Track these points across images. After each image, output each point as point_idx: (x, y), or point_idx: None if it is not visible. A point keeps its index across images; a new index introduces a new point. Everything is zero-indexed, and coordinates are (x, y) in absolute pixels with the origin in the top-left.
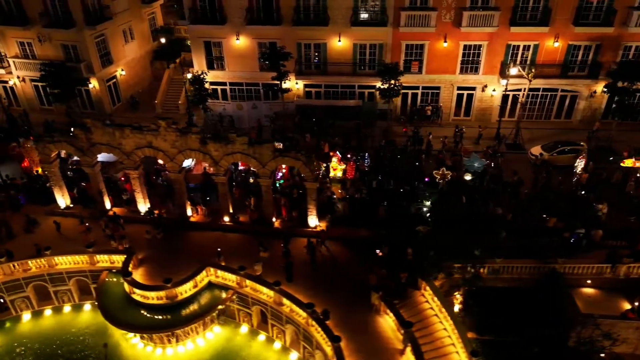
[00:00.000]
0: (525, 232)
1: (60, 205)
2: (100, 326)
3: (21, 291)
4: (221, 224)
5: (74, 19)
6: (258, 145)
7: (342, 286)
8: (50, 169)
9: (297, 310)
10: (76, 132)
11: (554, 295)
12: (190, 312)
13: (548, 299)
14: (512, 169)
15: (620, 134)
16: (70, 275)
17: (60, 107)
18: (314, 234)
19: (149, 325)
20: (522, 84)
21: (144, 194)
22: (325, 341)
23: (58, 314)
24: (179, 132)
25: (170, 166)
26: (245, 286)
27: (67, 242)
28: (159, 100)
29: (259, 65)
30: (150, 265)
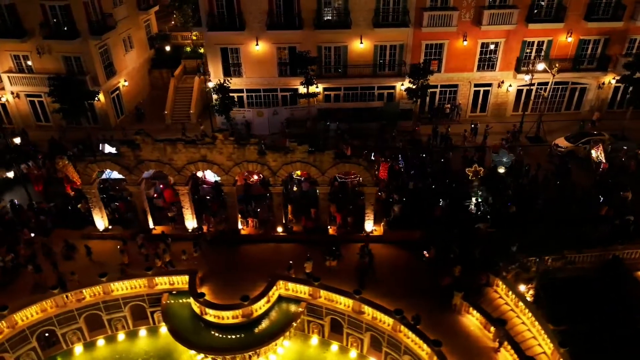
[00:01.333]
0: (580, 222)
1: (98, 227)
2: (161, 351)
3: (74, 323)
4: (275, 235)
5: (78, 29)
6: (319, 153)
7: (414, 289)
8: (91, 190)
9: (382, 317)
10: (123, 150)
11: (617, 280)
12: (264, 329)
13: (610, 285)
14: (535, 162)
15: (630, 123)
16: (127, 301)
17: (58, 123)
18: (371, 239)
19: (228, 347)
20: (536, 79)
21: (192, 210)
22: (417, 346)
23: (112, 343)
24: (236, 144)
25: (224, 179)
26: (319, 297)
27: (103, 266)
28: (168, 111)
29: (277, 70)
30: (213, 283)
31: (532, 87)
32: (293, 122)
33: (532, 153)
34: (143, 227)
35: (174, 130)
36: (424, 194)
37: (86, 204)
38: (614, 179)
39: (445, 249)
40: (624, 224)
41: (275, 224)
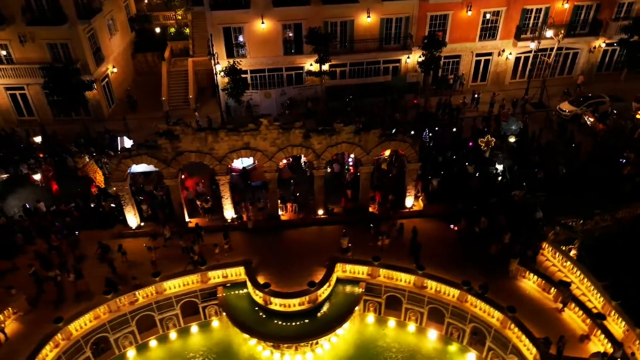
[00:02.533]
0: (606, 182)
1: (131, 225)
2: (219, 345)
3: (127, 326)
4: (316, 218)
5: (65, 13)
6: (364, 132)
7: (464, 260)
8: (124, 187)
9: (446, 289)
10: (161, 142)
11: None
12: (328, 314)
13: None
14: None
15: (624, 84)
16: (179, 298)
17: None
18: (412, 214)
19: (298, 334)
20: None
21: (230, 200)
22: (486, 314)
23: (165, 343)
24: (281, 129)
25: (268, 166)
26: (378, 276)
27: (140, 266)
28: (165, 97)
29: (283, 49)
30: (267, 272)
31: (539, 53)
32: (294, 102)
33: (538, 119)
34: (178, 221)
35: (173, 117)
36: (454, 166)
37: (111, 202)
38: (613, 141)
39: (489, 218)
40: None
41: (315, 206)
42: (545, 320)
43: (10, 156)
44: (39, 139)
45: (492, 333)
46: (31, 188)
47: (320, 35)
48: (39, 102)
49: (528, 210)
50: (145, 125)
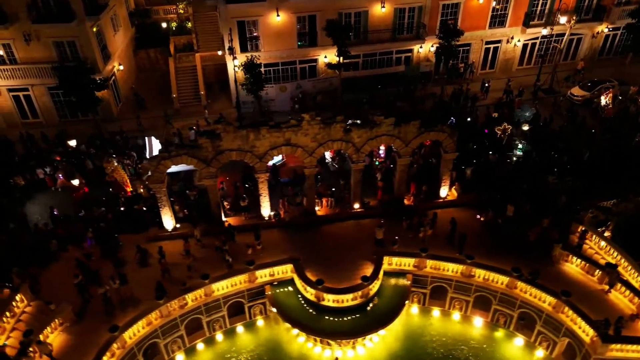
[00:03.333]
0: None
1: (167, 227)
2: (269, 344)
3: (176, 331)
4: (352, 212)
5: (73, 9)
6: (405, 124)
7: (504, 247)
8: (162, 189)
9: (495, 277)
10: (202, 142)
11: None
12: (380, 307)
13: None
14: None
15: (629, 68)
16: (227, 299)
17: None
18: (445, 204)
19: (354, 330)
20: (539, 33)
21: (268, 197)
22: (537, 299)
23: (212, 345)
24: (323, 123)
25: (308, 161)
26: (425, 267)
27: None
28: (176, 94)
29: (297, 41)
30: (312, 268)
31: (550, 39)
32: (305, 96)
33: (548, 104)
34: (216, 220)
35: (184, 114)
36: (480, 155)
37: (143, 205)
38: (621, 123)
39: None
40: None
41: (351, 200)
42: (594, 302)
43: (25, 162)
44: (73, 142)
45: (543, 317)
46: (50, 194)
47: (341, 27)
48: (44, 104)
49: (558, 196)
50: (157, 123)
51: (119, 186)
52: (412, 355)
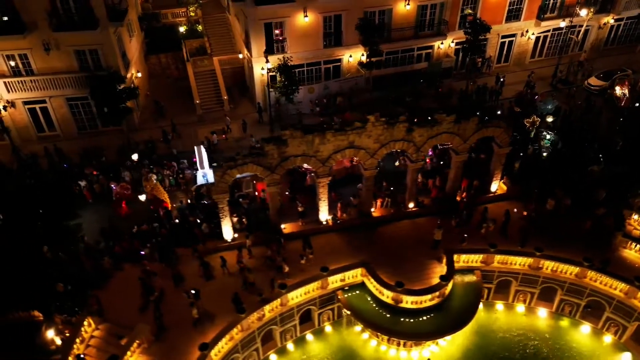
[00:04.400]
0: None
1: (227, 238)
2: (343, 351)
3: (253, 344)
4: (407, 212)
5: (97, 16)
6: (464, 121)
7: (560, 237)
8: (225, 199)
9: (564, 267)
10: (268, 149)
11: None
12: (456, 306)
13: None
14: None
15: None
16: (300, 308)
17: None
18: (496, 199)
19: (437, 330)
20: (551, 25)
21: (327, 201)
22: (608, 286)
23: (284, 355)
24: (386, 124)
25: (369, 163)
26: (492, 262)
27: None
28: (199, 100)
29: (322, 42)
30: (380, 270)
31: (565, 31)
32: (321, 99)
33: (565, 95)
34: (274, 228)
35: (209, 120)
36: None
37: (197, 217)
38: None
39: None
40: None
41: (407, 200)
42: None
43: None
44: (135, 156)
45: (614, 304)
46: (91, 209)
47: (373, 26)
48: (62, 115)
49: (603, 185)
50: (183, 131)
51: (158, 203)
52: (484, 351)
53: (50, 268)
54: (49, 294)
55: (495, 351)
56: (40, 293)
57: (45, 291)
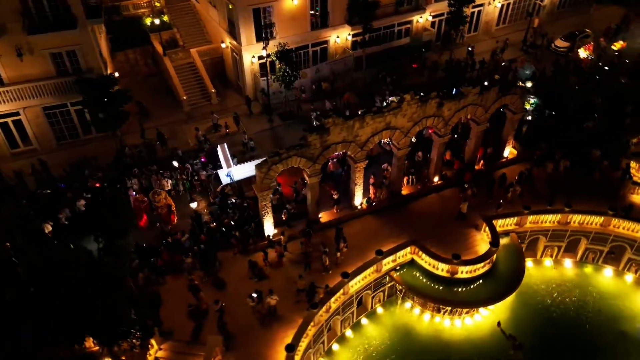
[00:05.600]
0: None
1: (269, 235)
2: (399, 330)
3: (321, 337)
4: (432, 186)
5: (74, 14)
6: (486, 91)
7: (578, 193)
8: (268, 195)
9: (591, 219)
10: (311, 139)
11: None
12: (502, 271)
13: None
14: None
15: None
16: (359, 294)
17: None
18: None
19: (495, 296)
20: None
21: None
22: (630, 230)
23: (345, 344)
24: (420, 102)
25: (402, 143)
26: (525, 223)
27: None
28: (185, 96)
29: (309, 24)
30: (427, 245)
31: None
32: (309, 84)
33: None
34: (312, 219)
35: (198, 117)
36: None
37: (231, 218)
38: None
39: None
40: None
41: (432, 174)
42: None
43: (58, 201)
44: (176, 163)
45: (636, 246)
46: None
47: (367, 4)
48: (39, 127)
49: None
50: (173, 129)
51: (167, 218)
52: (529, 307)
53: (116, 291)
54: (116, 319)
55: (539, 305)
56: (108, 319)
57: (113, 317)
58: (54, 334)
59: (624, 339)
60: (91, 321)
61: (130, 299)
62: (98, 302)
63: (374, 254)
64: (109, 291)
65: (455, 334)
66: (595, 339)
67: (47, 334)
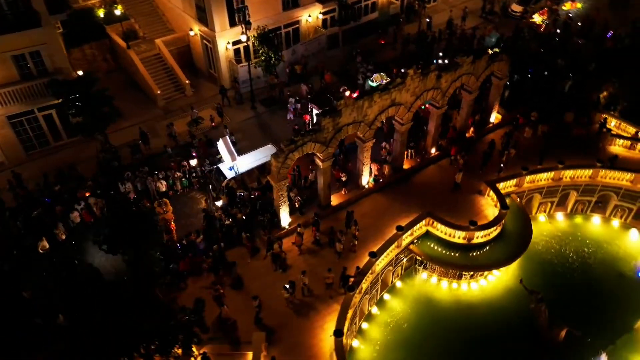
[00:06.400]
0: None
1: (284, 224)
2: (419, 301)
3: (354, 319)
4: (429, 158)
5: (36, 10)
6: (478, 59)
7: (559, 149)
8: (285, 185)
9: (581, 172)
10: (325, 123)
11: None
12: (511, 233)
13: None
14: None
15: None
16: (383, 271)
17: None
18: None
19: (511, 255)
20: None
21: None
22: (617, 179)
23: (373, 320)
24: (421, 75)
25: (406, 117)
26: (523, 184)
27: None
28: (160, 91)
29: (281, 4)
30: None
31: None
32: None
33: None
34: (323, 204)
35: (177, 110)
36: None
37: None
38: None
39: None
40: None
41: (429, 147)
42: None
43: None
44: (194, 161)
45: (621, 193)
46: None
47: None
48: (4, 139)
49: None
50: (153, 127)
51: (168, 228)
52: (535, 259)
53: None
54: (162, 330)
55: (542, 257)
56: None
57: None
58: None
59: (623, 278)
60: (139, 338)
61: (169, 308)
62: (143, 317)
63: (390, 230)
64: (152, 305)
65: (473, 296)
66: (597, 284)
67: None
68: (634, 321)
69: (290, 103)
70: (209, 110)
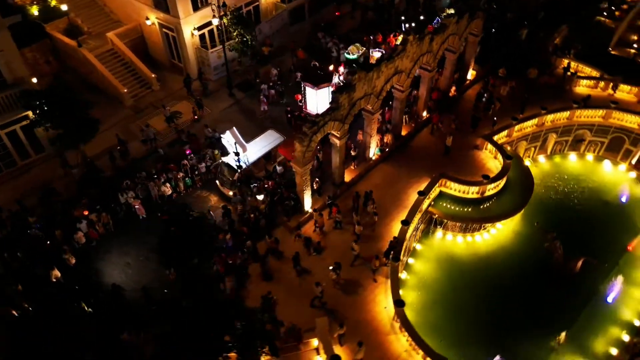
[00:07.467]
0: None
1: (307, 209)
2: (441, 258)
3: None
4: (422, 121)
5: None
6: (460, 19)
7: (532, 94)
8: (308, 170)
9: (560, 115)
10: (342, 100)
11: None
12: (515, 180)
13: None
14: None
15: None
16: (409, 239)
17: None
18: (471, 84)
19: (518, 205)
20: None
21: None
22: (591, 117)
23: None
24: (418, 40)
25: (407, 84)
26: (513, 133)
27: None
28: (127, 89)
29: None
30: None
31: None
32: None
33: None
34: (338, 182)
35: (148, 108)
36: None
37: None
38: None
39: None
40: None
41: (420, 110)
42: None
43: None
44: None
45: (594, 129)
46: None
47: None
48: None
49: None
50: (127, 129)
51: None
52: (530, 207)
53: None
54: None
55: (538, 201)
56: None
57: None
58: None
59: (608, 206)
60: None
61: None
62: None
63: (406, 197)
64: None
65: (488, 245)
66: (589, 215)
67: None
68: (628, 240)
69: (263, 90)
70: (185, 103)
